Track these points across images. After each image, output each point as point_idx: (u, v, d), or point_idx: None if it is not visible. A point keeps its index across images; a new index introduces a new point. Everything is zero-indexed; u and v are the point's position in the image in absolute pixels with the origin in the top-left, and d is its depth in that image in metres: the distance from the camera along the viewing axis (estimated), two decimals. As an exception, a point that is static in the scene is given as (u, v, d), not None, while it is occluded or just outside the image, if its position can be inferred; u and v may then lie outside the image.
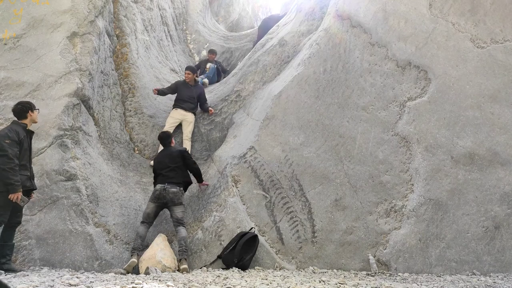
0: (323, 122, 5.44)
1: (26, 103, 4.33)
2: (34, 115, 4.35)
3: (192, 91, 6.78)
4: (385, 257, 4.71)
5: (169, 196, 4.97)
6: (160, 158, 5.42)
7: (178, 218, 4.91)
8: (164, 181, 5.09)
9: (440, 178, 4.95)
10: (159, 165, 5.29)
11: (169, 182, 5.07)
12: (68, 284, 3.22)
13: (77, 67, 5.42)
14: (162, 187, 5.01)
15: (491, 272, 4.63)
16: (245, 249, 4.57)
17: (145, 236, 4.85)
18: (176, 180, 5.13)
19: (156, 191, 5.03)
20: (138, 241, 4.74)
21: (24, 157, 4.15)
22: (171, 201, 4.98)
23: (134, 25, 7.42)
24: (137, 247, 4.69)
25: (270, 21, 9.83)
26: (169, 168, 5.19)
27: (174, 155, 5.34)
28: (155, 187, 5.12)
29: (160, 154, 5.48)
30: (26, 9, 5.69)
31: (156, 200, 4.99)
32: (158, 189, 5.02)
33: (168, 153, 5.38)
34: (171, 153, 5.37)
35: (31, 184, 4.25)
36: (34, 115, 4.36)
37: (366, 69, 5.53)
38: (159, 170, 5.26)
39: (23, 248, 4.43)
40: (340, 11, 6.01)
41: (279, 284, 3.53)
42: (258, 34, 10.05)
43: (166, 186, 5.02)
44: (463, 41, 5.37)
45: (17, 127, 4.15)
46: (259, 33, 9.99)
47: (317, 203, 5.03)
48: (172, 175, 5.14)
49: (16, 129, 4.10)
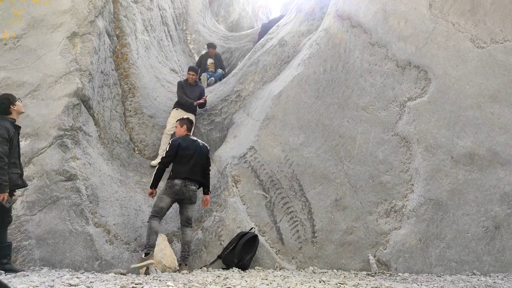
0: (323, 122, 5.44)
1: (4, 98, 4.07)
2: (17, 107, 4.10)
3: (194, 91, 6.78)
4: (385, 257, 4.71)
5: (188, 193, 4.60)
6: (185, 145, 4.79)
7: (188, 218, 4.65)
8: (186, 176, 4.62)
9: (440, 178, 4.95)
10: (184, 152, 4.71)
11: (191, 179, 4.65)
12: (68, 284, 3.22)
13: (77, 67, 5.42)
14: (183, 183, 4.58)
15: (491, 272, 4.63)
16: (245, 249, 4.57)
17: (159, 231, 4.55)
18: (197, 177, 4.72)
19: (176, 186, 4.57)
20: (154, 237, 4.37)
21: (14, 154, 3.96)
22: (189, 200, 4.63)
23: (134, 25, 7.42)
24: (154, 244, 4.36)
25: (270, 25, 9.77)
26: (195, 162, 4.71)
27: (203, 150, 4.89)
28: (173, 180, 4.60)
29: (185, 141, 4.85)
30: (26, 9, 5.69)
31: (173, 196, 4.57)
32: (178, 184, 4.57)
33: (196, 144, 4.87)
34: (199, 146, 4.88)
35: (23, 182, 4.11)
36: (18, 107, 4.11)
37: (366, 69, 5.53)
38: (182, 159, 4.68)
39: (23, 248, 4.43)
40: (340, 11, 6.01)
41: (279, 284, 3.53)
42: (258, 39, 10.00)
43: (187, 182, 4.61)
44: (463, 41, 5.37)
45: (6, 123, 3.94)
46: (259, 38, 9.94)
47: (317, 203, 5.03)
48: (196, 171, 4.70)
49: (5, 125, 3.89)
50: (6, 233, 4.07)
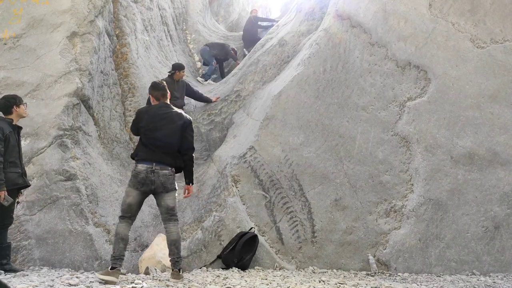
0: (323, 122, 5.44)
1: (10, 98, 4.11)
2: (20, 110, 4.12)
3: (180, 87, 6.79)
4: (385, 257, 4.71)
5: (159, 180, 3.62)
6: (151, 113, 3.76)
7: (169, 208, 3.68)
8: (152, 158, 3.65)
9: (440, 178, 4.95)
10: (149, 125, 3.70)
11: (159, 162, 3.65)
12: (68, 284, 3.22)
13: (77, 67, 5.42)
14: (149, 169, 3.61)
15: (491, 272, 4.63)
16: (245, 249, 4.57)
17: (128, 238, 3.62)
18: (169, 159, 3.72)
19: (140, 173, 3.60)
20: (121, 246, 3.51)
21: (13, 153, 3.96)
22: (163, 187, 3.65)
23: (134, 25, 7.41)
24: (120, 255, 3.50)
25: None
26: (163, 141, 3.69)
27: (178, 121, 3.76)
28: (136, 167, 3.65)
29: (152, 109, 3.81)
30: (26, 9, 5.69)
31: (140, 187, 3.60)
32: (143, 171, 3.60)
33: (168, 114, 3.76)
34: (172, 115, 3.77)
35: (24, 181, 4.11)
36: (21, 110, 4.13)
37: (366, 69, 5.53)
38: (147, 135, 3.70)
39: (23, 248, 4.43)
40: (340, 11, 6.01)
41: (279, 284, 3.53)
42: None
43: (155, 167, 3.63)
44: (463, 41, 5.37)
45: (2, 123, 3.95)
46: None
47: (317, 203, 5.04)
48: (163, 155, 3.69)
49: (0, 125, 3.90)
50: (6, 234, 4.07)
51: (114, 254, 3.51)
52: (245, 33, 11.03)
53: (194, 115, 7.06)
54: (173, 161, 3.75)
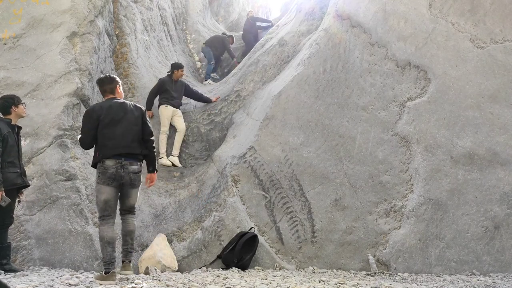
0: (322, 122, 5.44)
1: (9, 98, 4.12)
2: (19, 110, 4.13)
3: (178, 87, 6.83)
4: (385, 257, 4.71)
5: (128, 176, 3.57)
6: (107, 106, 3.64)
7: (131, 206, 3.72)
8: (119, 151, 3.55)
9: (439, 178, 4.95)
10: (108, 118, 3.59)
11: (128, 156, 3.59)
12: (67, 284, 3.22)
13: (76, 67, 5.43)
14: (118, 163, 3.53)
15: (491, 272, 4.63)
16: (245, 249, 4.57)
17: (114, 240, 3.52)
18: (136, 150, 3.64)
19: (110, 168, 3.51)
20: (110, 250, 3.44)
21: (11, 153, 3.96)
22: (130, 183, 3.61)
23: (134, 25, 7.41)
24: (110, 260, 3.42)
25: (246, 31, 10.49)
26: (126, 129, 3.61)
27: (135, 113, 3.73)
28: (103, 162, 3.52)
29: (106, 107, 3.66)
30: (26, 9, 5.69)
31: (111, 182, 3.51)
32: (112, 166, 3.51)
33: (124, 107, 3.70)
34: (129, 107, 3.72)
35: (23, 181, 4.11)
36: (20, 110, 4.14)
37: (365, 69, 5.54)
38: (107, 129, 3.57)
39: (23, 248, 4.43)
40: (340, 11, 6.01)
41: (279, 284, 3.53)
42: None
43: (124, 161, 3.56)
44: (463, 41, 5.38)
45: (0, 123, 3.96)
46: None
47: (316, 203, 5.04)
48: (131, 142, 3.61)
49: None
50: (6, 234, 4.08)
51: (104, 259, 3.45)
52: (244, 33, 11.11)
53: (194, 115, 7.06)
54: (139, 151, 3.71)
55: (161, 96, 6.63)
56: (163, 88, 6.62)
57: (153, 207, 5.31)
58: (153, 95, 6.64)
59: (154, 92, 6.64)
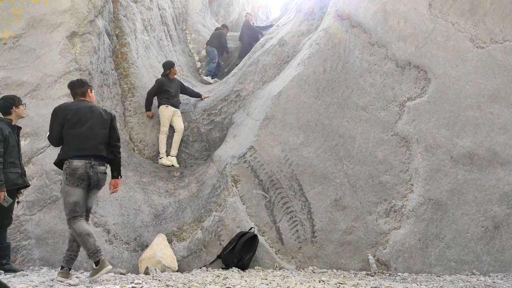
0: (322, 122, 5.44)
1: (9, 98, 4.12)
2: (19, 110, 4.14)
3: (175, 85, 6.87)
4: (385, 257, 4.71)
5: (97, 176, 3.57)
6: (75, 108, 3.63)
7: (89, 208, 3.71)
8: (87, 152, 3.54)
9: (439, 178, 4.95)
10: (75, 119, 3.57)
11: (97, 157, 3.59)
12: (67, 284, 3.22)
13: (76, 67, 5.43)
14: (87, 163, 3.51)
15: (491, 272, 4.63)
16: (245, 249, 4.57)
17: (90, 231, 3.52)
18: (102, 152, 3.65)
19: (78, 169, 3.47)
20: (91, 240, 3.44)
21: (12, 154, 3.97)
22: (97, 184, 3.62)
23: (134, 25, 7.41)
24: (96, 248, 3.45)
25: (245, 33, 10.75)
26: (94, 132, 3.60)
27: (103, 116, 3.71)
28: (71, 163, 3.48)
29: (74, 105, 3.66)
30: (25, 9, 5.69)
31: (80, 183, 3.48)
32: (81, 166, 3.48)
33: (92, 109, 3.68)
34: (97, 111, 3.70)
35: (23, 181, 4.11)
36: (20, 110, 4.15)
37: (365, 69, 5.54)
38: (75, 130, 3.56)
39: (23, 248, 4.43)
40: (339, 11, 6.01)
41: (279, 284, 3.53)
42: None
43: (93, 162, 3.54)
44: (462, 41, 5.38)
45: (1, 124, 3.96)
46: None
47: (316, 203, 5.04)
48: (98, 144, 3.60)
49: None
50: (5, 234, 4.07)
51: (90, 250, 3.41)
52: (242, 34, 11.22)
53: (194, 115, 7.06)
54: (106, 153, 3.69)
55: (161, 96, 6.62)
56: (162, 89, 6.62)
57: (153, 207, 5.31)
58: (152, 96, 6.64)
59: (152, 93, 6.63)
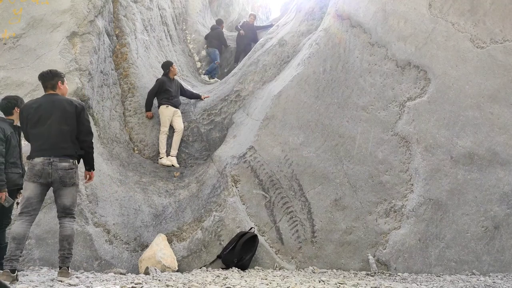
0: (322, 122, 5.44)
1: (12, 99, 4.12)
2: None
3: (175, 85, 6.87)
4: (385, 257, 4.71)
5: (57, 174, 3.44)
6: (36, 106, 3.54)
7: (65, 207, 3.52)
8: (48, 149, 3.46)
9: (439, 178, 4.95)
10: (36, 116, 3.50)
11: (57, 153, 3.46)
12: (67, 284, 3.21)
13: (76, 67, 5.42)
14: (46, 161, 3.43)
15: (491, 272, 4.63)
16: (245, 249, 4.57)
17: (22, 237, 3.31)
18: (67, 150, 3.51)
19: (36, 165, 3.42)
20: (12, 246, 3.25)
21: (14, 154, 3.96)
22: (60, 181, 3.46)
23: (134, 25, 7.41)
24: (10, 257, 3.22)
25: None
26: (57, 128, 3.48)
27: (68, 109, 3.54)
28: (32, 159, 3.46)
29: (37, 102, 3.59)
30: (25, 8, 5.69)
31: (37, 179, 3.42)
32: (39, 163, 3.42)
33: (56, 103, 3.54)
34: (61, 103, 3.54)
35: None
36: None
37: (365, 69, 5.54)
38: (37, 127, 3.49)
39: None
40: (339, 11, 6.01)
41: (279, 284, 3.53)
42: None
43: (53, 159, 3.44)
44: (462, 41, 5.38)
45: (3, 124, 3.94)
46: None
47: (316, 203, 5.04)
48: (61, 140, 3.48)
49: (1, 126, 3.89)
50: (4, 234, 4.07)
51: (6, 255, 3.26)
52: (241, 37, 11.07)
53: (194, 115, 7.06)
54: (72, 150, 3.55)
55: (161, 96, 6.61)
56: (163, 88, 6.61)
57: (153, 207, 5.31)
58: (153, 96, 6.63)
59: (153, 93, 6.62)
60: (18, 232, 3.30)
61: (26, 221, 3.38)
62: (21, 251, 3.32)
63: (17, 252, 3.27)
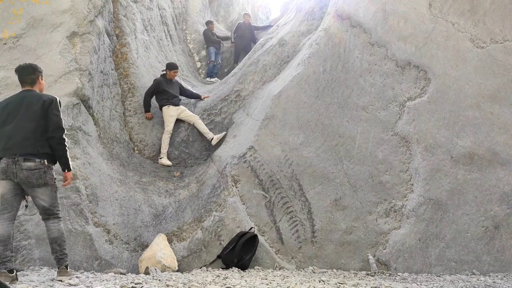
0: (322, 122, 5.44)
1: None
2: None
3: (174, 86, 6.88)
4: (385, 257, 4.71)
5: (22, 174, 3.27)
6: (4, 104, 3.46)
7: (44, 208, 3.39)
8: (14, 149, 3.30)
9: (439, 178, 4.95)
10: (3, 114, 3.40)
11: (23, 152, 3.29)
12: (68, 284, 3.21)
13: (76, 66, 5.42)
14: (12, 160, 3.28)
15: (491, 272, 4.63)
16: (245, 249, 4.57)
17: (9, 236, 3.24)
18: (30, 148, 3.32)
19: (2, 163, 3.32)
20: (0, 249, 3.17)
21: None
22: (27, 182, 3.30)
23: (134, 24, 7.41)
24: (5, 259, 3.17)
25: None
26: (23, 125, 3.34)
27: (36, 105, 3.38)
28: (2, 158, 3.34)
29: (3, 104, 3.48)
30: (25, 8, 5.69)
31: (4, 176, 3.30)
32: (4, 161, 3.31)
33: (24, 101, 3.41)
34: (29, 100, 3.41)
35: None
36: None
37: (365, 69, 5.54)
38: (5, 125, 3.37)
39: (23, 248, 4.43)
40: (339, 11, 6.01)
41: (279, 284, 3.53)
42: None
43: (18, 158, 3.28)
44: (462, 41, 5.38)
45: None
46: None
47: (316, 203, 5.04)
48: (26, 139, 3.33)
49: None
50: None
51: None
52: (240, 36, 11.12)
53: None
54: (40, 150, 3.35)
55: (161, 98, 6.61)
56: (160, 89, 6.61)
57: (153, 207, 5.31)
58: (149, 96, 6.63)
59: (150, 93, 6.63)
60: (1, 234, 3.22)
61: (6, 219, 3.28)
62: (11, 251, 3.23)
63: (6, 253, 3.19)
